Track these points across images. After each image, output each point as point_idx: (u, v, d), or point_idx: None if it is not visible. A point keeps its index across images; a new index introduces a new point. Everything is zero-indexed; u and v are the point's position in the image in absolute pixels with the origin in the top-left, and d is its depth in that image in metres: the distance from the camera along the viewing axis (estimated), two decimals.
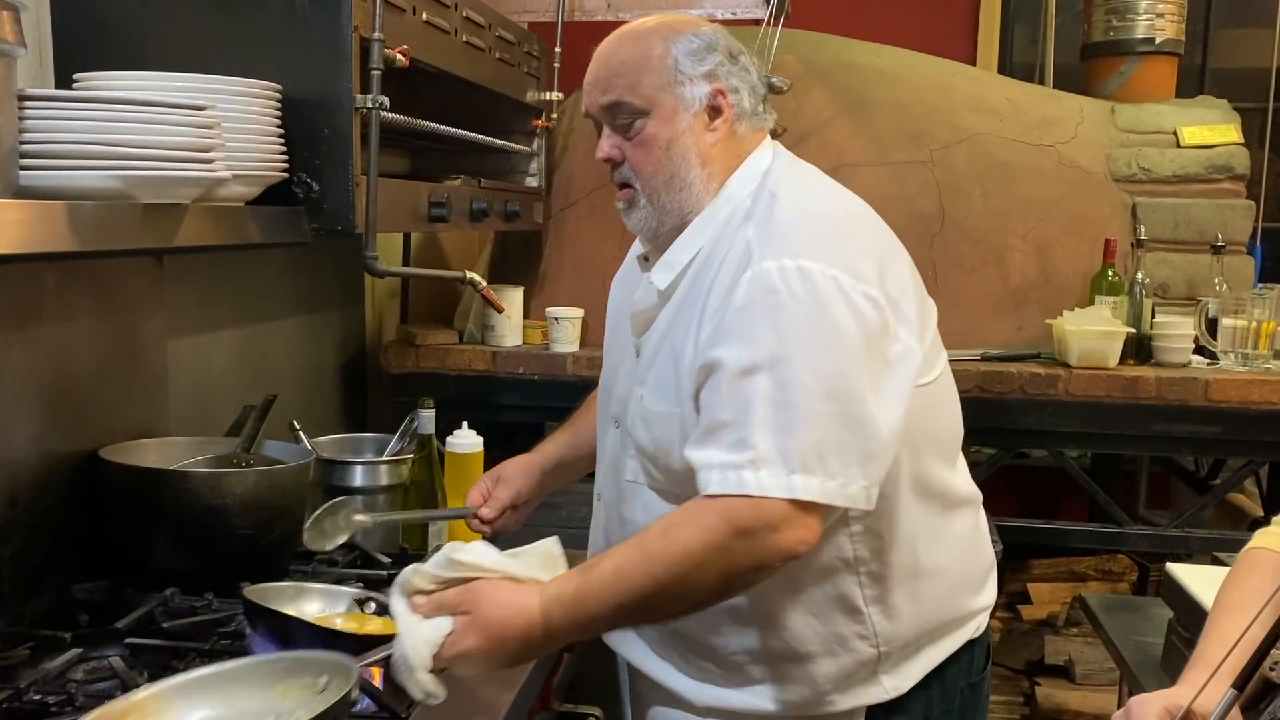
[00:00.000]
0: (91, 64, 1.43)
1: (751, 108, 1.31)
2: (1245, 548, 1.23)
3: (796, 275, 1.16)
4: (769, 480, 1.11)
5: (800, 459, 1.11)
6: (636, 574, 1.12)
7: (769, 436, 1.12)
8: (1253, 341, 2.61)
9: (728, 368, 1.16)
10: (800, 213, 1.25)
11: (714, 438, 1.15)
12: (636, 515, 1.34)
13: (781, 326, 1.15)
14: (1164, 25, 3.13)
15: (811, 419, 1.12)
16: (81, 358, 1.55)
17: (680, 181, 1.29)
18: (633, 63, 1.28)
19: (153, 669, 1.30)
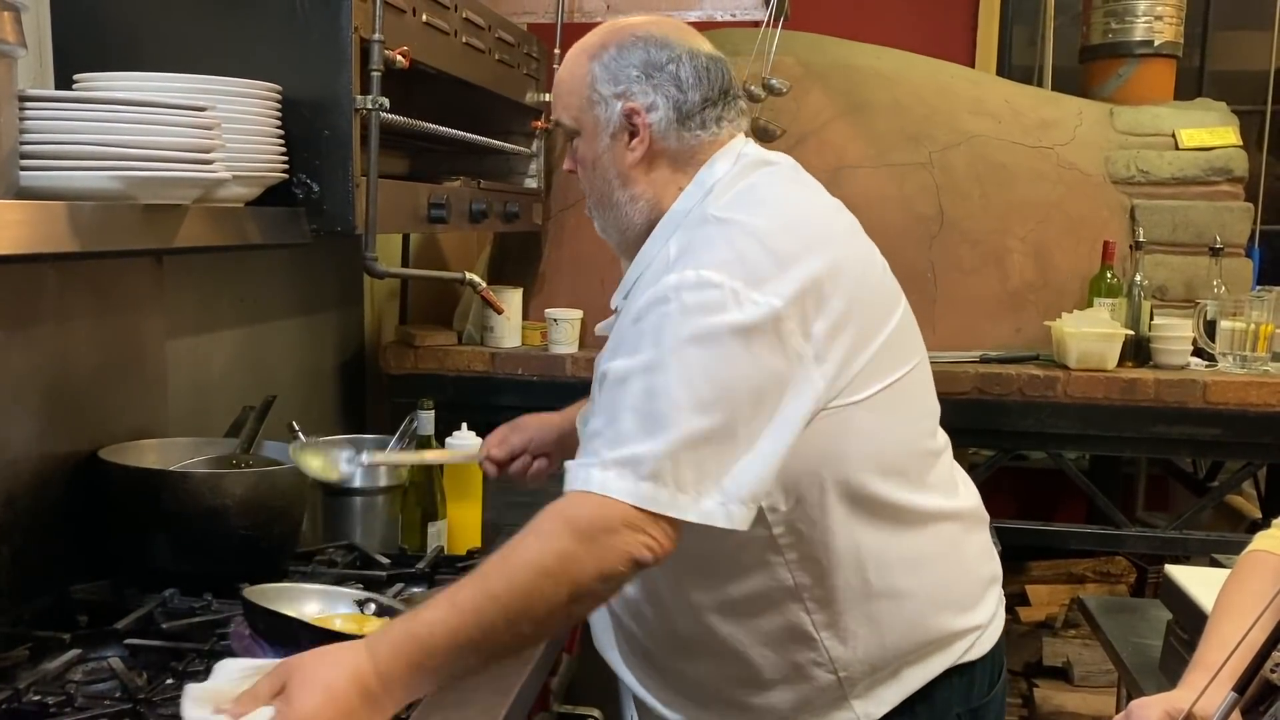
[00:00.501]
0: (91, 65, 1.43)
1: (679, 120, 1.24)
2: (1245, 550, 1.23)
3: (693, 285, 1.10)
4: (615, 482, 1.05)
5: (653, 467, 1.05)
6: (472, 596, 1.03)
7: (630, 442, 1.07)
8: (1251, 344, 2.61)
9: (609, 378, 1.13)
10: (726, 224, 1.18)
11: (589, 444, 1.12)
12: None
13: (663, 336, 1.10)
14: (1162, 28, 3.13)
15: (675, 430, 1.06)
16: (81, 358, 1.55)
17: (608, 201, 1.29)
18: (565, 83, 1.30)
19: (152, 670, 1.30)
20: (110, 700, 1.21)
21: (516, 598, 1.03)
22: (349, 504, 1.83)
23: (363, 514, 1.83)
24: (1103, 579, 3.62)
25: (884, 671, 1.27)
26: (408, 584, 1.59)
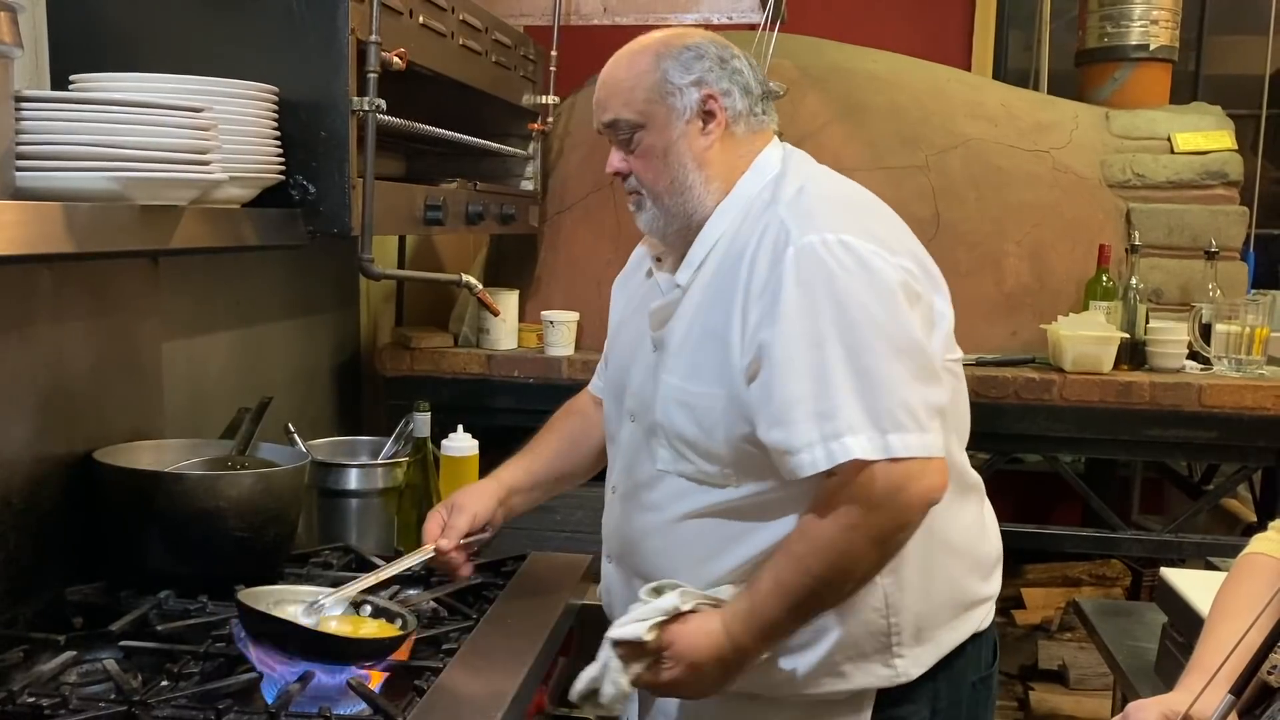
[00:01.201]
0: (88, 65, 1.43)
1: (747, 109, 1.36)
2: (1242, 553, 1.23)
3: (840, 247, 1.22)
4: (862, 445, 1.17)
5: (891, 418, 1.17)
6: (795, 580, 1.22)
7: (855, 402, 1.18)
8: (1246, 347, 2.62)
9: (793, 343, 1.20)
10: (827, 196, 1.33)
11: (792, 414, 1.20)
12: (662, 502, 1.37)
13: (839, 296, 1.20)
14: (1158, 32, 3.14)
15: (890, 379, 1.19)
16: (76, 359, 1.55)
17: (680, 185, 1.35)
18: (626, 80, 1.36)
19: (147, 672, 1.29)
20: (105, 702, 1.21)
21: (834, 573, 1.22)
22: (344, 506, 1.83)
23: (358, 516, 1.83)
24: (1098, 582, 3.62)
25: (925, 630, 1.34)
26: (403, 586, 1.59)
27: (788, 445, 1.20)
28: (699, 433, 1.31)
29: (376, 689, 1.27)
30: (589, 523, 2.27)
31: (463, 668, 1.35)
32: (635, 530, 1.41)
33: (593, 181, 2.90)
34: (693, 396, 1.31)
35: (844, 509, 1.19)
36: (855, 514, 1.19)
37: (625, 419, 1.44)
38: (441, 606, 1.55)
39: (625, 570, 1.45)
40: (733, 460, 1.29)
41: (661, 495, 1.37)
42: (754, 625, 1.24)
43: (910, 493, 1.19)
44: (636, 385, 1.41)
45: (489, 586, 1.61)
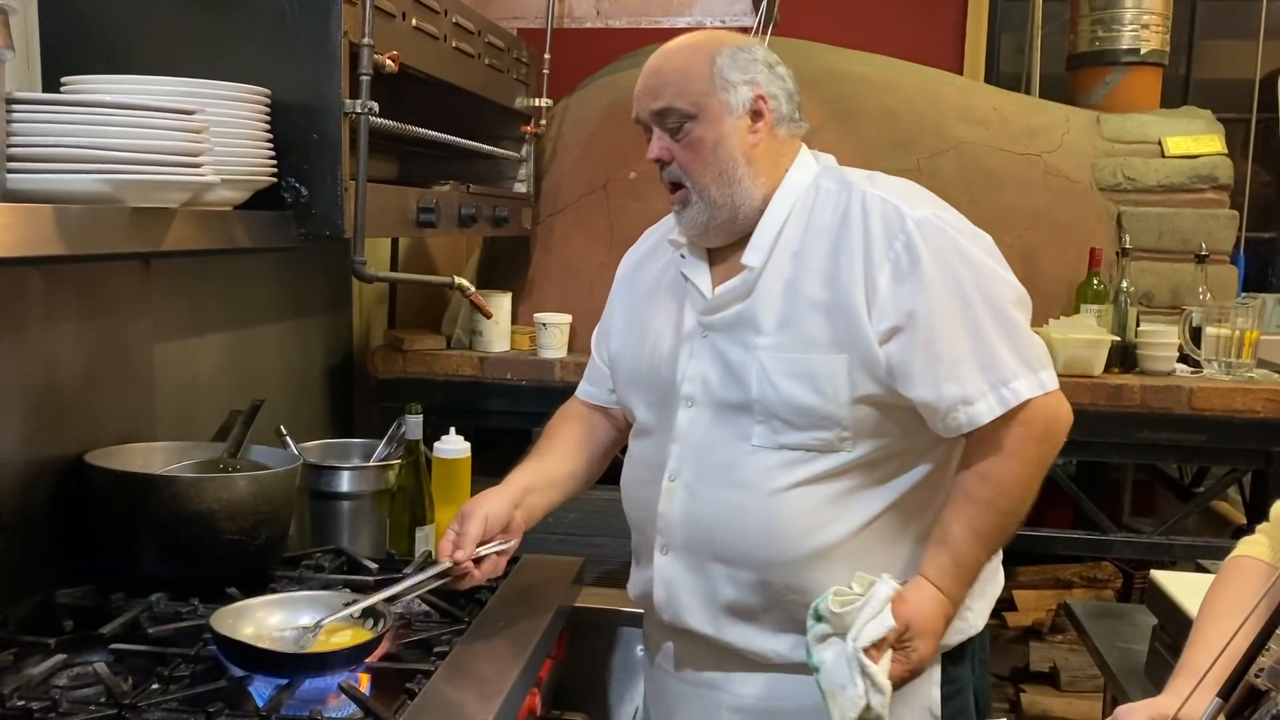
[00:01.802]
0: (79, 67, 1.43)
1: (789, 113, 1.45)
2: (1230, 556, 1.23)
3: (951, 219, 1.39)
4: (1028, 386, 1.33)
5: (1037, 358, 1.36)
6: (989, 522, 1.37)
7: (1008, 349, 1.33)
8: (1236, 350, 2.63)
9: (944, 305, 1.33)
10: (904, 182, 1.46)
11: (960, 369, 1.33)
12: (756, 478, 1.40)
13: (969, 258, 1.35)
14: (1149, 36, 3.15)
15: (1022, 324, 1.36)
16: (67, 362, 1.55)
17: (728, 178, 1.41)
18: (681, 71, 1.41)
19: (137, 675, 1.29)
20: (95, 705, 1.21)
21: (1020, 505, 1.37)
22: (337, 508, 1.83)
23: (350, 518, 1.83)
24: (1090, 584, 3.62)
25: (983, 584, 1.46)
26: None
27: (964, 397, 1.33)
28: (820, 400, 1.37)
29: (367, 691, 1.27)
30: (581, 525, 2.27)
31: (454, 670, 1.35)
32: (716, 512, 1.42)
33: (586, 184, 2.90)
34: (812, 364, 1.37)
35: (1020, 446, 1.34)
36: (1031, 448, 1.34)
37: (680, 406, 1.46)
38: (433, 609, 1.55)
39: (695, 558, 1.44)
40: (853, 422, 1.37)
41: (755, 472, 1.40)
42: (962, 575, 1.37)
43: (1061, 419, 1.37)
44: (692, 371, 1.45)
45: (480, 590, 1.61)
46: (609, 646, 1.84)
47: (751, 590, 1.43)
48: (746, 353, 1.41)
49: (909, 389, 1.35)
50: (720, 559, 1.43)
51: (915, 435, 1.40)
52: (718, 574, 1.44)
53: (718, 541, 1.42)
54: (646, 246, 1.66)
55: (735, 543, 1.41)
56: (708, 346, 1.45)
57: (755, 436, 1.40)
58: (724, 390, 1.43)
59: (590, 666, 1.83)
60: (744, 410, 1.41)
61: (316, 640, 1.33)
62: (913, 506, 1.43)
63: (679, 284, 1.51)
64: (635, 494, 1.54)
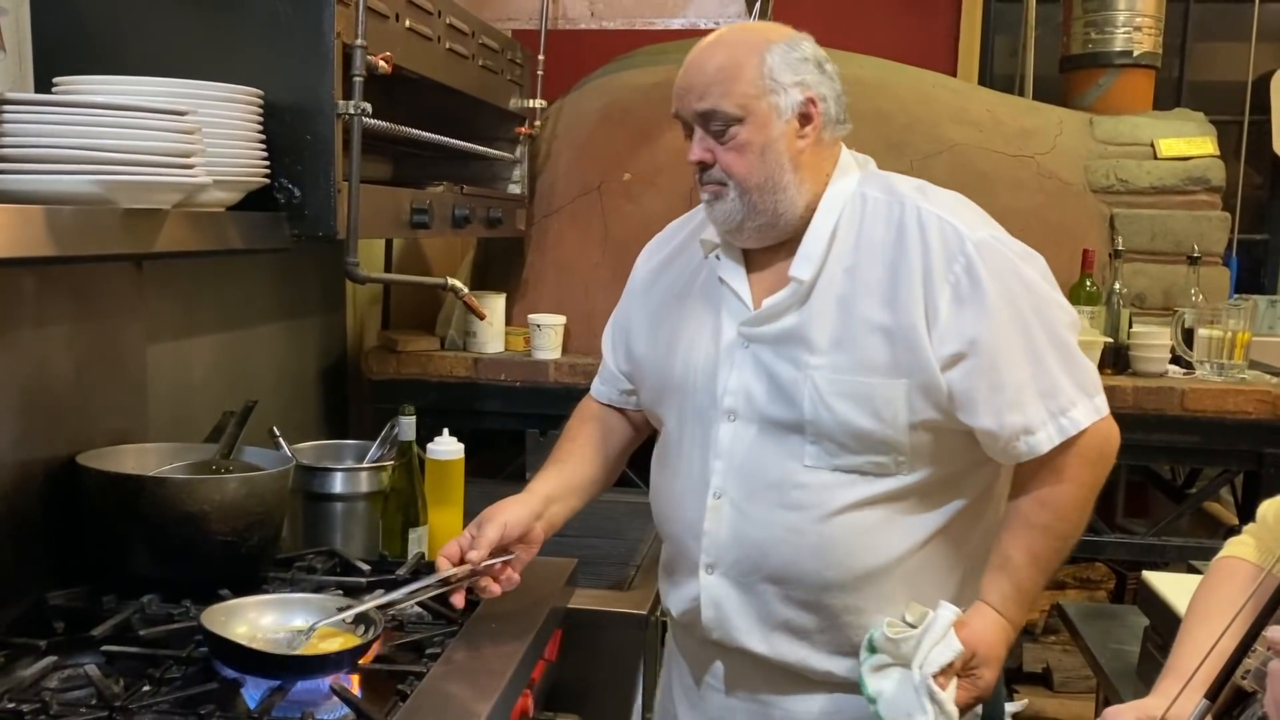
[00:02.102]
0: (72, 68, 1.43)
1: (836, 115, 1.39)
2: (1217, 556, 1.24)
3: (1008, 241, 1.37)
4: (1085, 413, 1.33)
5: (1092, 383, 1.36)
6: (1047, 546, 1.36)
7: (1066, 376, 1.33)
8: (1228, 352, 2.64)
9: (1005, 331, 1.31)
10: (951, 195, 1.43)
11: (1023, 397, 1.31)
12: (811, 500, 1.36)
13: (1028, 282, 1.33)
14: (1142, 38, 3.16)
15: (1076, 349, 1.36)
16: (60, 363, 1.54)
17: (774, 184, 1.35)
18: (729, 70, 1.33)
19: (129, 677, 1.29)
20: (86, 708, 1.20)
21: (1076, 529, 1.38)
22: (330, 510, 1.83)
23: (343, 520, 1.83)
24: (1083, 585, 3.64)
25: None
26: (388, 590, 1.59)
27: (1025, 426, 1.32)
28: (877, 424, 1.33)
29: (359, 692, 1.27)
30: (573, 526, 2.26)
31: (446, 672, 1.35)
32: (769, 535, 1.38)
33: (580, 185, 2.90)
34: (871, 388, 1.33)
35: (1076, 471, 1.34)
36: (1087, 472, 1.34)
37: (721, 419, 1.41)
38: (426, 611, 1.54)
39: (746, 578, 1.40)
40: (910, 447, 1.34)
41: (811, 493, 1.36)
42: (1022, 600, 1.37)
43: (1113, 441, 1.37)
44: (735, 383, 1.39)
45: (472, 591, 1.60)
46: (602, 648, 1.84)
47: (807, 611, 1.40)
48: (797, 370, 1.35)
49: (971, 417, 1.33)
50: (773, 580, 1.39)
51: (968, 458, 1.39)
52: (770, 594, 1.40)
53: (771, 563, 1.38)
54: (673, 245, 1.57)
55: (790, 565, 1.37)
56: (750, 358, 1.39)
57: (808, 457, 1.36)
58: (771, 406, 1.37)
59: (583, 668, 1.82)
60: (795, 429, 1.36)
61: (308, 644, 1.32)
62: (961, 528, 1.42)
63: (713, 287, 1.45)
64: (672, 510, 1.48)
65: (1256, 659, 0.80)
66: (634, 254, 1.64)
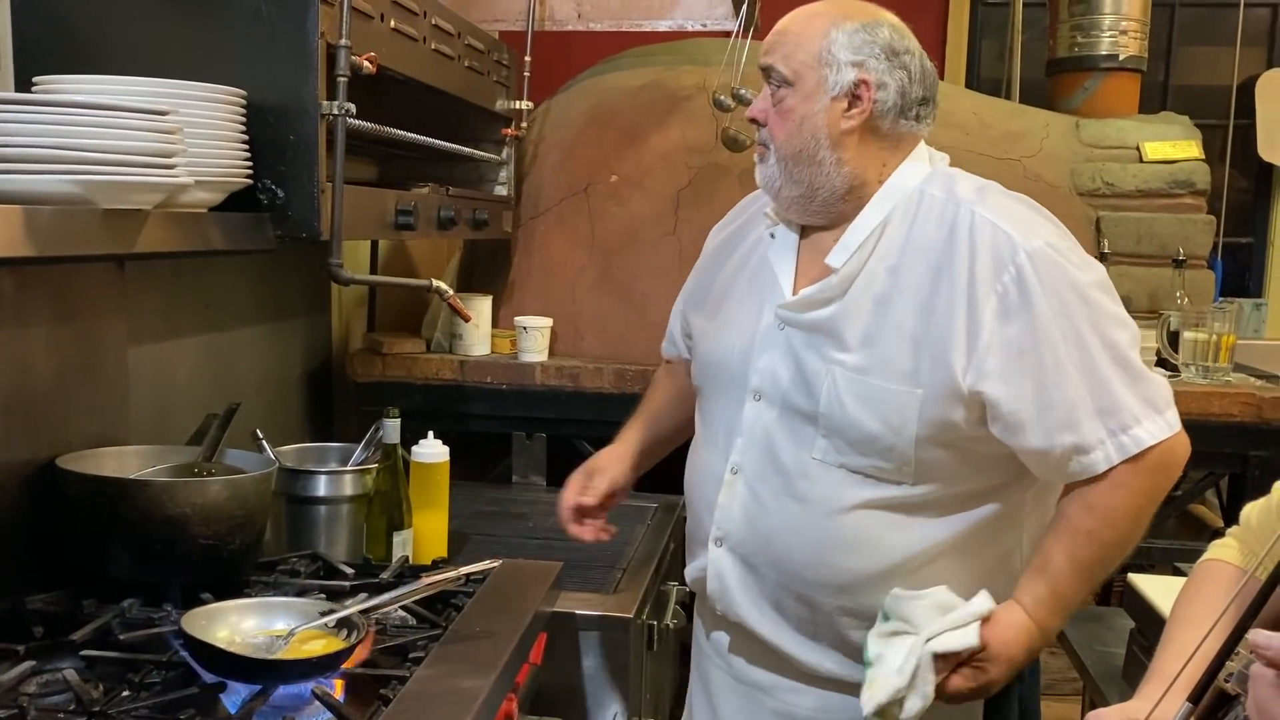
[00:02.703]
0: (52, 67, 1.42)
1: (897, 108, 1.36)
2: (1200, 560, 1.24)
3: (1068, 251, 1.30)
4: (1153, 429, 1.27)
5: (1162, 399, 1.29)
6: (1092, 553, 1.31)
7: (1130, 393, 1.26)
8: (1213, 354, 2.65)
9: (1058, 347, 1.26)
10: (1017, 201, 1.37)
11: (1077, 415, 1.26)
12: (818, 494, 1.37)
13: (1085, 295, 1.27)
14: (1127, 42, 3.17)
15: (1141, 364, 1.30)
16: (39, 365, 1.53)
17: (808, 156, 1.35)
18: (796, 34, 1.36)
19: (108, 682, 1.27)
20: (65, 713, 1.19)
21: (1127, 538, 1.31)
22: (313, 513, 1.81)
23: (327, 523, 1.82)
24: None
25: None
26: (372, 594, 1.58)
27: (1080, 445, 1.26)
28: (885, 430, 1.32)
29: (341, 697, 1.26)
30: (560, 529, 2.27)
31: (429, 676, 1.34)
32: (776, 521, 1.40)
33: (567, 187, 2.90)
34: (885, 393, 1.31)
35: (1128, 478, 1.27)
36: (1143, 481, 1.28)
37: (748, 398, 1.43)
38: (409, 615, 1.53)
39: (751, 557, 1.43)
40: (916, 459, 1.32)
41: (818, 487, 1.37)
42: (1058, 607, 1.32)
43: (1179, 455, 1.30)
44: (765, 364, 1.41)
45: (457, 594, 1.60)
46: (588, 652, 1.83)
47: (801, 604, 1.42)
48: (823, 363, 1.35)
49: (1018, 437, 1.29)
50: (774, 565, 1.41)
51: (987, 478, 1.35)
52: (771, 577, 1.42)
53: (774, 548, 1.40)
54: (742, 219, 1.59)
55: (790, 555, 1.39)
56: (783, 341, 1.40)
57: (818, 450, 1.37)
58: (793, 393, 1.38)
59: (569, 672, 1.82)
60: (810, 420, 1.37)
61: (288, 648, 1.31)
62: (974, 546, 1.38)
63: (765, 268, 1.46)
64: (696, 481, 1.53)
65: (1239, 662, 0.79)
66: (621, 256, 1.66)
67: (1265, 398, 2.52)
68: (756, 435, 1.42)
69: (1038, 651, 1.35)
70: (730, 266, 1.55)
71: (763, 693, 1.50)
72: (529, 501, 2.50)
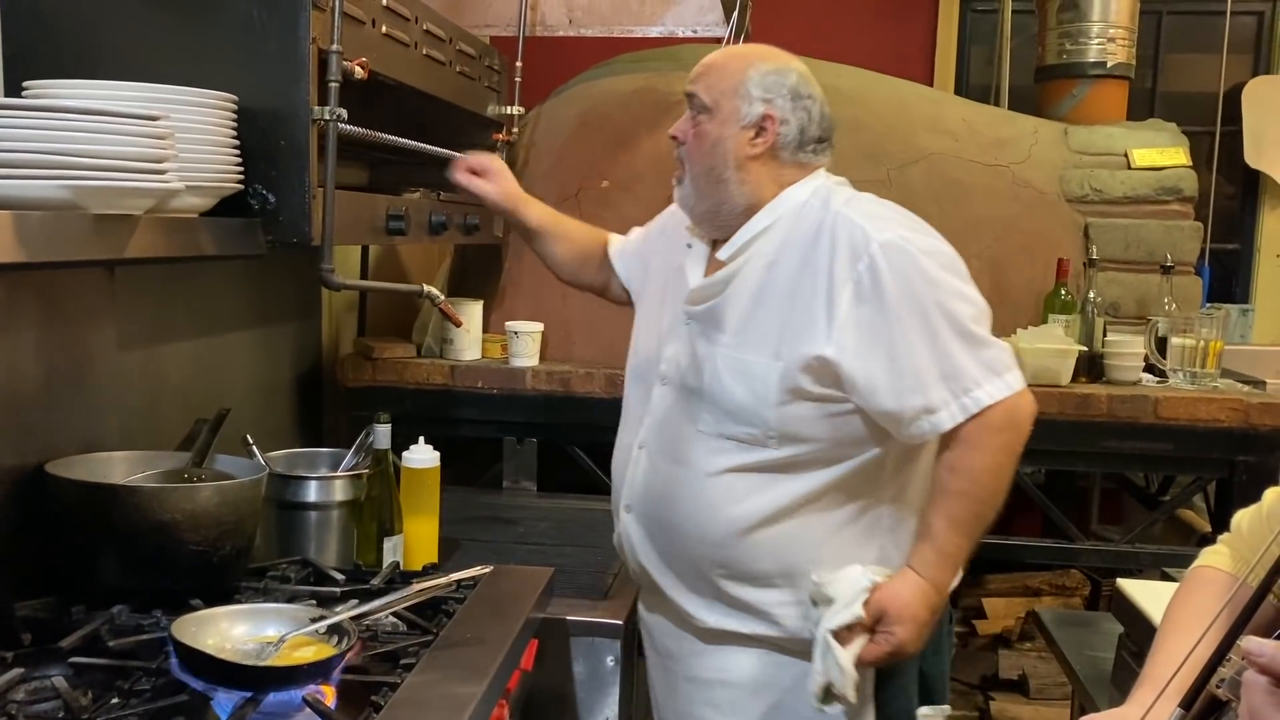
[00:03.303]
0: (43, 72, 1.41)
1: (796, 142, 1.56)
2: (1192, 566, 1.24)
3: (915, 239, 1.47)
4: (992, 390, 1.43)
5: (1001, 363, 1.45)
6: (965, 510, 1.47)
7: (969, 359, 1.42)
8: (1200, 360, 2.66)
9: (904, 321, 1.43)
10: (880, 204, 1.57)
11: (924, 380, 1.43)
12: (697, 458, 1.57)
13: (930, 276, 1.44)
14: (1115, 49, 3.19)
15: (984, 335, 1.45)
16: (29, 370, 1.52)
17: (716, 176, 1.56)
18: (719, 68, 1.58)
19: (97, 689, 1.27)
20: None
21: (992, 493, 1.47)
22: (303, 518, 1.81)
23: (317, 528, 1.81)
24: (1058, 592, 3.65)
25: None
26: (362, 600, 1.57)
27: (927, 407, 1.43)
28: (752, 399, 1.51)
29: (333, 704, 1.26)
30: (552, 534, 2.27)
31: (421, 682, 1.33)
32: (664, 485, 1.61)
33: (558, 192, 2.90)
34: (751, 366, 1.51)
35: (982, 438, 1.44)
36: (995, 438, 1.44)
37: (656, 383, 1.65)
38: (400, 621, 1.53)
39: (646, 520, 1.64)
40: (779, 424, 1.50)
41: (699, 454, 1.57)
42: (945, 564, 1.48)
43: (1022, 411, 1.46)
44: (670, 353, 1.62)
45: (448, 600, 1.59)
46: (579, 658, 1.83)
47: (688, 560, 1.61)
48: (709, 346, 1.56)
49: (872, 400, 1.46)
50: (665, 526, 1.61)
51: (840, 441, 1.52)
52: (663, 538, 1.63)
53: (664, 511, 1.61)
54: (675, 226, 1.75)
55: (674, 517, 1.58)
56: (686, 333, 1.60)
57: (701, 422, 1.56)
58: (688, 374, 1.58)
59: (560, 678, 1.82)
60: (697, 395, 1.57)
61: (278, 654, 1.31)
62: (835, 499, 1.54)
63: (680, 275, 1.66)
64: (616, 458, 1.73)
65: (1231, 668, 0.80)
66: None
67: (1253, 403, 2.54)
68: (659, 414, 1.63)
69: (937, 607, 1.49)
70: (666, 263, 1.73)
71: (673, 661, 1.69)
72: (520, 507, 2.50)
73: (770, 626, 1.58)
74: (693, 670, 1.66)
